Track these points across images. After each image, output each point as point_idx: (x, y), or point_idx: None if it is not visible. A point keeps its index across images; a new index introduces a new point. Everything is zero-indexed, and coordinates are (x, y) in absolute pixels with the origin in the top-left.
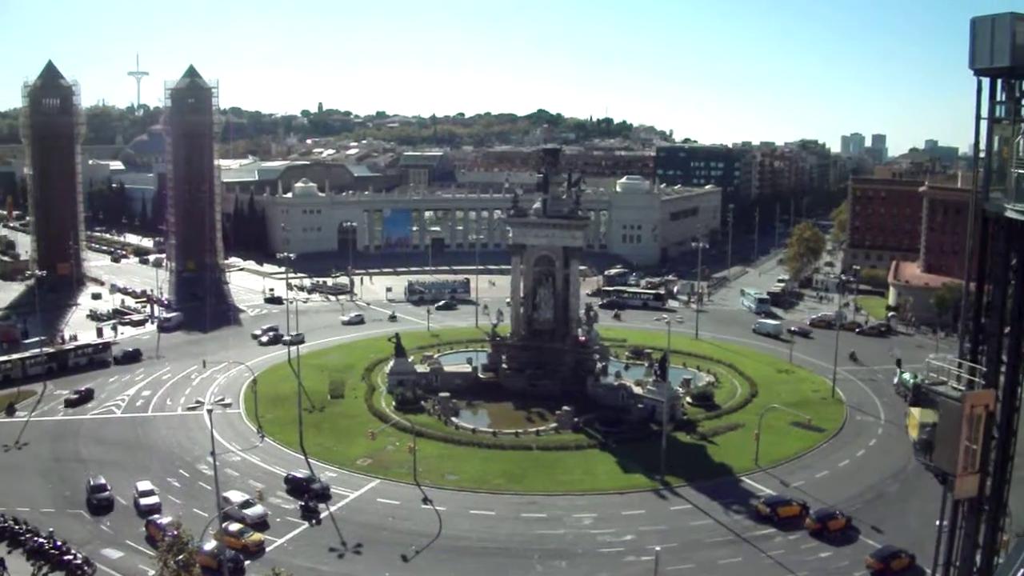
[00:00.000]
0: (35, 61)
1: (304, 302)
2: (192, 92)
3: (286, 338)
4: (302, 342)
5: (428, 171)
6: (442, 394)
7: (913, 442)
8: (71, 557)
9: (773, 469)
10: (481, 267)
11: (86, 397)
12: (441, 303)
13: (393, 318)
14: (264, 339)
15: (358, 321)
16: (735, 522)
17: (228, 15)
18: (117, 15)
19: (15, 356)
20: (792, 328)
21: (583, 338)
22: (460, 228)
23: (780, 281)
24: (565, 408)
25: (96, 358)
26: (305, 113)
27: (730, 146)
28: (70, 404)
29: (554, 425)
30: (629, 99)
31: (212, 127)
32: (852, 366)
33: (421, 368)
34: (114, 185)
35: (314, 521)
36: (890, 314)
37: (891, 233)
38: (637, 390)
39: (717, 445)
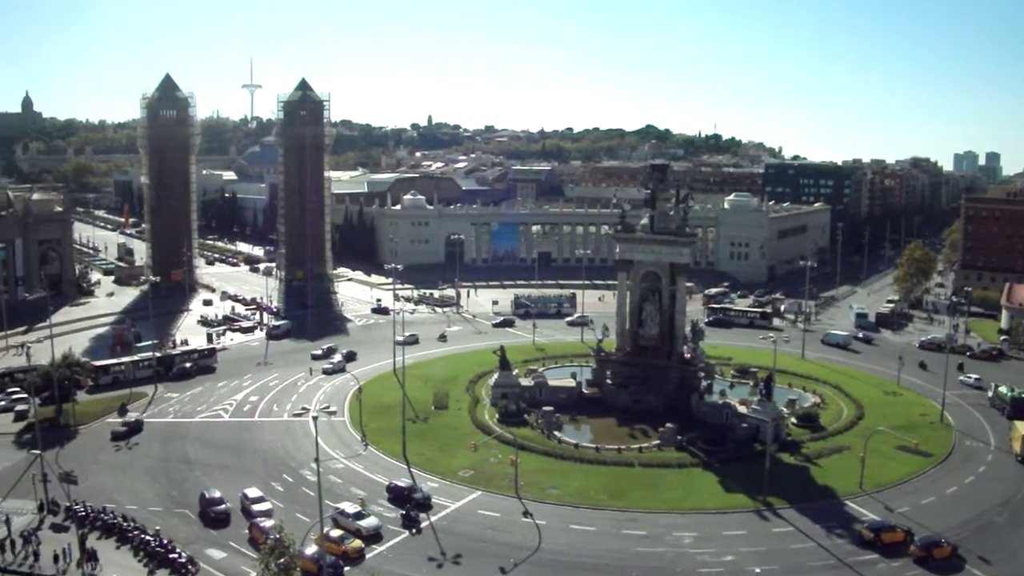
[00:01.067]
0: (153, 74)
1: (411, 313)
2: (304, 105)
3: (329, 365)
4: (416, 342)
5: (536, 185)
6: (545, 408)
7: (1016, 455)
8: (176, 556)
9: (878, 494)
10: (587, 282)
11: (135, 429)
12: (498, 320)
13: (443, 338)
14: (326, 366)
15: (412, 341)
16: (837, 546)
17: (340, 30)
18: (232, 30)
19: (126, 359)
20: (858, 335)
21: (688, 355)
22: (567, 243)
23: (889, 302)
24: (668, 425)
25: (202, 363)
26: (415, 126)
27: (840, 164)
28: (118, 437)
29: (657, 442)
30: (738, 115)
31: (323, 139)
32: (963, 390)
33: (525, 381)
34: (227, 195)
35: (415, 530)
36: (1002, 338)
37: (1005, 254)
38: (741, 409)
39: (821, 467)
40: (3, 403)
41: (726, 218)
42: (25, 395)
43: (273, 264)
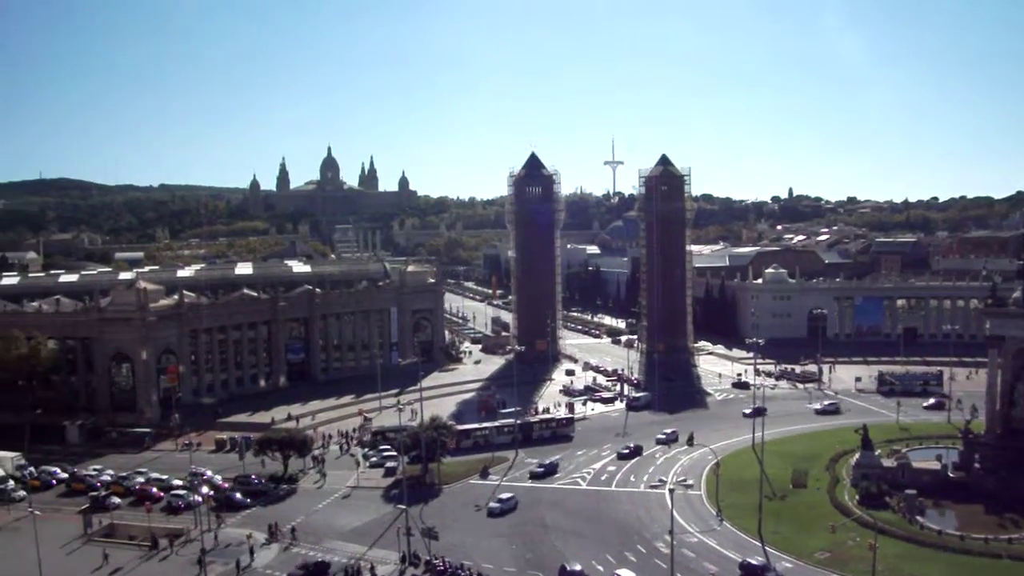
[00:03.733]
0: (519, 153)
1: (771, 388)
2: (665, 180)
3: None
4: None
5: (900, 258)
6: (908, 491)
7: None
8: None
9: None
10: (955, 359)
11: (551, 471)
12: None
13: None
14: (659, 436)
15: (833, 410)
16: None
17: (699, 106)
18: (594, 109)
19: (488, 424)
20: None
21: None
22: (934, 317)
23: None
24: None
25: (559, 432)
26: (775, 199)
27: None
28: (535, 476)
29: None
30: None
31: (684, 213)
32: None
33: (887, 462)
34: (590, 268)
35: None
36: None
37: None
38: None
39: None
40: (375, 459)
41: None
42: (395, 453)
43: (635, 336)
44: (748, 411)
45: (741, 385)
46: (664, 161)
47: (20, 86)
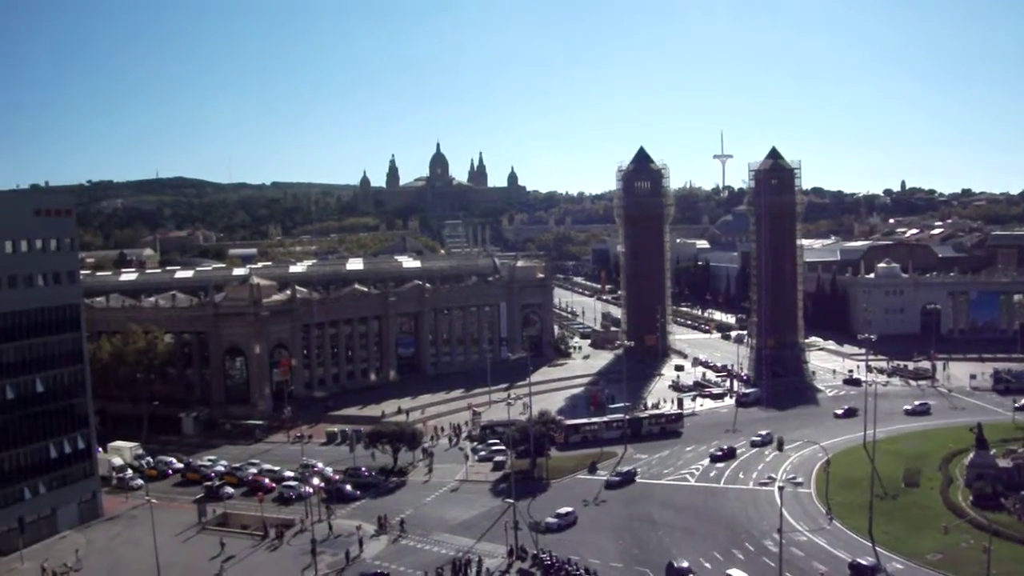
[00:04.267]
0: (628, 147)
1: (883, 385)
2: (775, 173)
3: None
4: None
5: (1017, 251)
6: None
7: None
8: None
9: None
10: None
11: (627, 479)
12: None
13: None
14: (754, 438)
15: (923, 411)
16: None
17: (809, 97)
18: (703, 102)
19: (597, 419)
20: None
21: None
22: None
23: None
24: None
25: (668, 427)
26: (887, 192)
27: None
28: (612, 486)
29: None
30: None
31: (794, 207)
32: None
33: (1003, 462)
34: (699, 263)
35: None
36: None
37: None
38: None
39: None
40: (484, 453)
41: None
42: (504, 447)
43: (744, 332)
44: (840, 412)
45: (852, 382)
46: (774, 154)
47: (138, 89)
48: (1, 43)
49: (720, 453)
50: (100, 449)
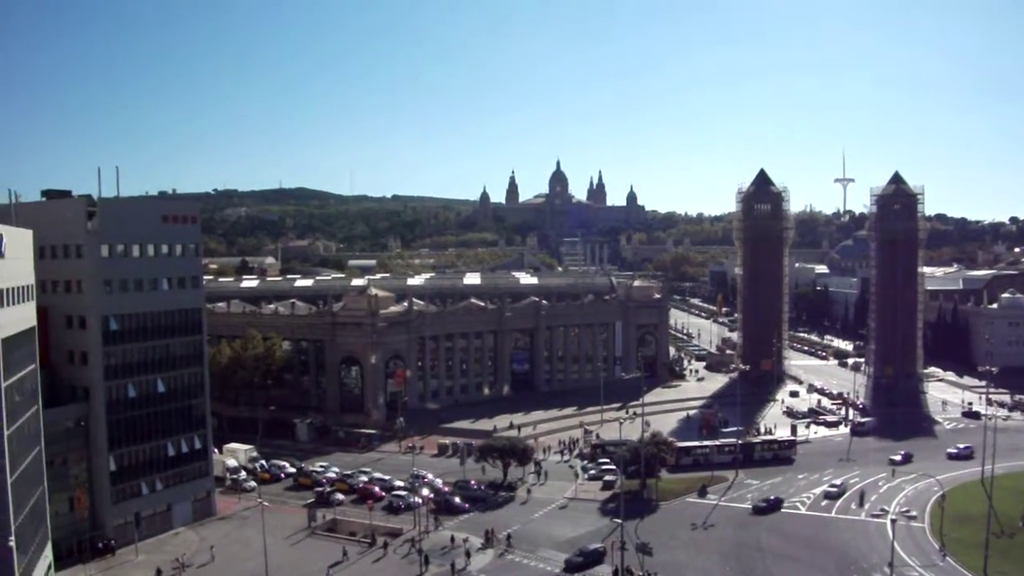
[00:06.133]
0: (748, 169)
1: (1003, 419)
2: (897, 198)
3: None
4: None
5: None
6: None
7: None
8: None
9: None
10: None
11: (774, 506)
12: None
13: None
14: (893, 457)
15: (966, 455)
16: None
17: (936, 120)
18: (825, 125)
19: (709, 443)
20: None
21: None
22: None
23: None
24: None
25: (781, 454)
26: (1013, 220)
27: None
28: (758, 511)
29: None
30: None
31: (917, 233)
32: None
33: None
34: (818, 288)
35: None
36: None
37: None
38: None
39: None
40: (594, 471)
41: None
42: (614, 467)
43: (862, 359)
44: (953, 451)
45: (972, 415)
46: (897, 179)
47: (264, 102)
48: (138, 57)
49: (834, 490)
50: (216, 450)
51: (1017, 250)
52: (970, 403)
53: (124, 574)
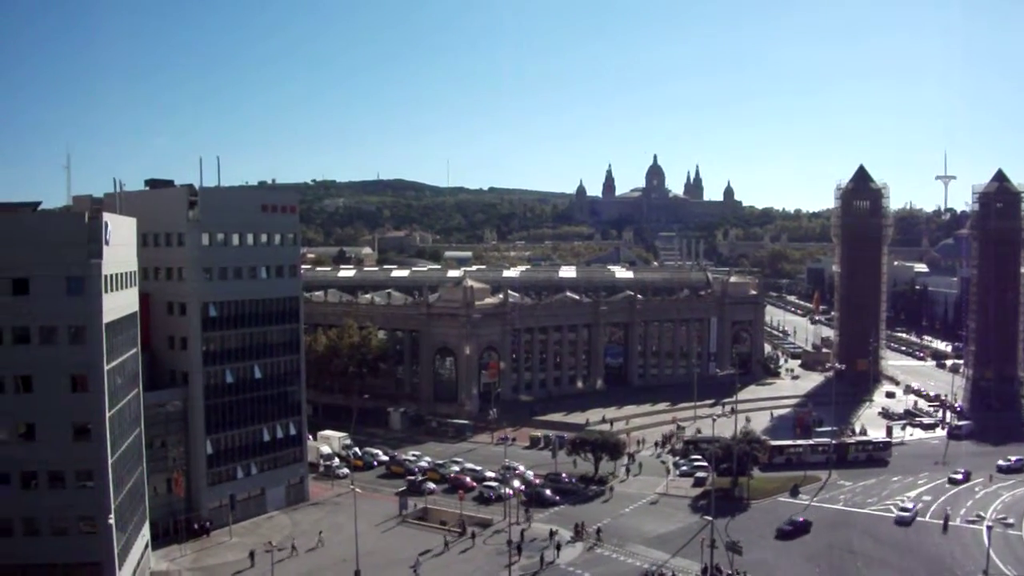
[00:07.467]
0: (847, 165)
1: None
2: (1000, 196)
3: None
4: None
5: None
6: None
7: None
8: None
9: None
10: None
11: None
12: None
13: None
14: (1001, 463)
15: (1019, 468)
16: None
17: None
18: (927, 122)
19: (802, 442)
20: None
21: None
22: None
23: None
24: None
25: (875, 455)
26: None
27: None
28: (783, 535)
29: None
30: None
31: (1020, 233)
32: None
33: None
34: (917, 287)
35: None
36: None
37: None
38: None
39: None
40: (685, 468)
41: None
42: (706, 463)
43: (961, 361)
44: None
45: None
46: (1000, 176)
47: (362, 93)
48: (242, 49)
49: (907, 515)
50: (310, 437)
51: None
52: None
53: (218, 555)
